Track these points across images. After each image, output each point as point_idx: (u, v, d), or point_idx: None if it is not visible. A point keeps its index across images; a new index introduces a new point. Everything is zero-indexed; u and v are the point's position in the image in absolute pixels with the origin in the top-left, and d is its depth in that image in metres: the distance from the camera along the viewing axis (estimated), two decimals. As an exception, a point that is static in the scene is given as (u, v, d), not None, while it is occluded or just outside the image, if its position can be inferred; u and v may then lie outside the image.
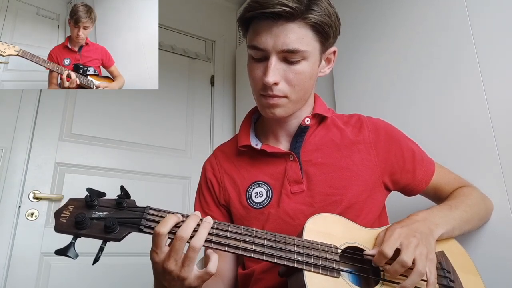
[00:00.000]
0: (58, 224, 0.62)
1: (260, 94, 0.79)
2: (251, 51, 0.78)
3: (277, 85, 0.76)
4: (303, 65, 0.76)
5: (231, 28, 2.56)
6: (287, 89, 0.77)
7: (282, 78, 0.76)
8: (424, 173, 0.87)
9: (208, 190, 0.91)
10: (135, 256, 1.75)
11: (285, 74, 0.76)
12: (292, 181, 0.82)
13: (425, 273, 0.63)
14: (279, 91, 0.76)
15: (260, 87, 0.78)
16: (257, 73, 0.78)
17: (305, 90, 0.80)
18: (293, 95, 0.78)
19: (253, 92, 0.83)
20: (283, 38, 0.73)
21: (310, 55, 0.76)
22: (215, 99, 2.36)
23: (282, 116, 0.81)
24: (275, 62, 0.74)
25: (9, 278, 1.54)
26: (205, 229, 0.62)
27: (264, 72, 0.75)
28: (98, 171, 1.87)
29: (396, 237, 0.66)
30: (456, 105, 1.06)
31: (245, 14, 0.77)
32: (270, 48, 0.74)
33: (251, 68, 0.80)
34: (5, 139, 1.67)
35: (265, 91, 0.77)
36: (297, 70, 0.76)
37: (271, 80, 0.74)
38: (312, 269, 0.64)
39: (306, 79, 0.78)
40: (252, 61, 0.79)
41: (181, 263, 0.60)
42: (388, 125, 0.91)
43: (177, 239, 0.60)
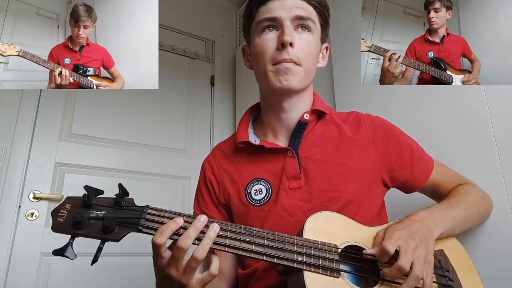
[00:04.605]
0: (55, 223, 0.61)
1: (274, 63, 0.79)
2: (263, 23, 0.81)
3: (292, 48, 0.78)
4: (311, 36, 0.82)
5: (231, 28, 2.56)
6: (301, 55, 0.79)
7: (296, 44, 0.79)
8: (422, 169, 0.87)
9: (207, 190, 0.91)
10: (135, 256, 1.75)
11: (298, 41, 0.80)
12: (290, 177, 0.82)
13: (421, 277, 0.63)
14: (294, 56, 0.78)
15: (273, 55, 0.79)
16: (269, 44, 0.80)
17: (314, 63, 0.84)
18: (306, 64, 0.81)
19: (262, 70, 0.82)
20: (295, 8, 0.80)
21: (315, 32, 0.83)
22: (215, 99, 2.36)
23: (295, 87, 0.80)
24: (290, 26, 0.79)
25: (9, 278, 1.53)
26: (210, 240, 0.61)
27: (278, 36, 0.79)
28: (98, 171, 1.87)
29: (397, 237, 0.66)
30: (456, 104, 1.06)
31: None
32: (284, 15, 0.79)
33: (262, 41, 0.81)
34: (5, 139, 1.67)
35: (281, 56, 0.78)
36: (308, 38, 0.81)
37: (289, 38, 0.77)
38: (312, 269, 0.63)
39: (315, 51, 0.83)
40: (261, 35, 0.82)
41: (182, 271, 0.60)
42: (386, 122, 0.91)
43: (176, 249, 0.60)
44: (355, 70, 1.44)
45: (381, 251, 0.65)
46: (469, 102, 1.02)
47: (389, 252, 0.64)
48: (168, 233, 0.60)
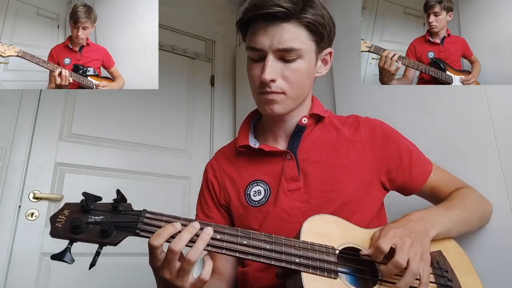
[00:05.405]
0: (53, 228, 0.62)
1: (259, 92, 0.81)
2: (249, 52, 0.81)
3: (274, 82, 0.78)
4: (299, 63, 0.79)
5: (231, 28, 2.55)
6: (285, 86, 0.79)
7: (279, 76, 0.78)
8: (421, 172, 0.88)
9: (208, 192, 0.93)
10: (135, 256, 1.75)
11: (282, 72, 0.78)
12: (289, 179, 0.83)
13: (418, 273, 0.63)
14: (277, 88, 0.79)
15: (259, 85, 0.80)
16: (255, 73, 0.81)
17: (302, 88, 0.82)
18: (290, 92, 0.80)
19: (252, 93, 0.85)
20: (278, 37, 0.76)
21: (306, 54, 0.79)
22: (215, 99, 2.36)
23: (281, 113, 0.82)
24: (272, 60, 0.77)
25: (9, 278, 1.54)
26: (203, 242, 0.62)
27: (261, 70, 0.78)
28: (98, 171, 1.87)
29: (392, 235, 0.67)
30: (456, 105, 1.06)
31: (243, 17, 0.80)
32: (267, 47, 0.77)
33: (250, 69, 0.83)
34: (5, 139, 1.67)
35: (263, 88, 0.79)
36: (294, 68, 0.78)
37: (268, 77, 0.76)
38: (310, 271, 0.64)
39: (303, 77, 0.81)
40: (250, 62, 0.82)
41: (176, 273, 0.61)
42: (385, 125, 0.91)
43: (168, 252, 0.60)
44: (355, 70, 1.44)
45: (375, 249, 0.66)
46: (469, 102, 1.02)
47: (383, 250, 0.64)
48: (165, 236, 0.61)
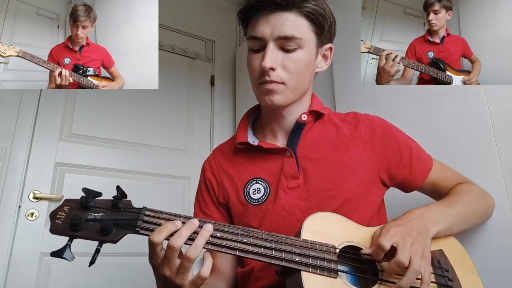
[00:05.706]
0: (53, 225, 0.61)
1: (258, 83, 0.80)
2: (250, 42, 0.81)
3: (274, 71, 0.78)
4: (299, 53, 0.79)
5: (231, 28, 2.56)
6: (285, 75, 0.79)
7: (279, 65, 0.78)
8: (421, 168, 0.87)
9: (207, 190, 0.92)
10: (135, 256, 1.75)
11: (282, 61, 0.78)
12: (289, 176, 0.82)
13: (420, 271, 0.63)
14: (276, 77, 0.78)
15: (258, 75, 0.80)
16: (255, 63, 0.80)
17: (302, 79, 0.82)
18: (290, 82, 0.79)
19: (252, 85, 0.84)
20: (279, 26, 0.76)
21: (306, 44, 0.79)
22: (215, 99, 2.36)
23: (280, 104, 0.81)
24: (272, 49, 0.77)
25: (9, 278, 1.54)
26: (203, 239, 0.61)
27: (262, 59, 0.78)
28: (98, 171, 1.87)
29: (393, 233, 0.66)
30: (456, 104, 1.06)
31: (245, 7, 0.80)
32: (268, 36, 0.77)
33: (250, 60, 0.82)
34: (5, 139, 1.67)
35: (263, 77, 0.79)
36: (294, 57, 0.78)
37: (268, 65, 0.76)
38: (310, 270, 0.63)
39: (303, 67, 0.80)
40: (251, 53, 0.82)
41: (175, 270, 0.60)
42: (384, 122, 0.91)
43: (168, 248, 0.60)
44: (355, 70, 1.44)
45: (376, 247, 0.65)
46: (469, 102, 1.02)
47: (384, 248, 0.64)
48: (166, 233, 0.60)
